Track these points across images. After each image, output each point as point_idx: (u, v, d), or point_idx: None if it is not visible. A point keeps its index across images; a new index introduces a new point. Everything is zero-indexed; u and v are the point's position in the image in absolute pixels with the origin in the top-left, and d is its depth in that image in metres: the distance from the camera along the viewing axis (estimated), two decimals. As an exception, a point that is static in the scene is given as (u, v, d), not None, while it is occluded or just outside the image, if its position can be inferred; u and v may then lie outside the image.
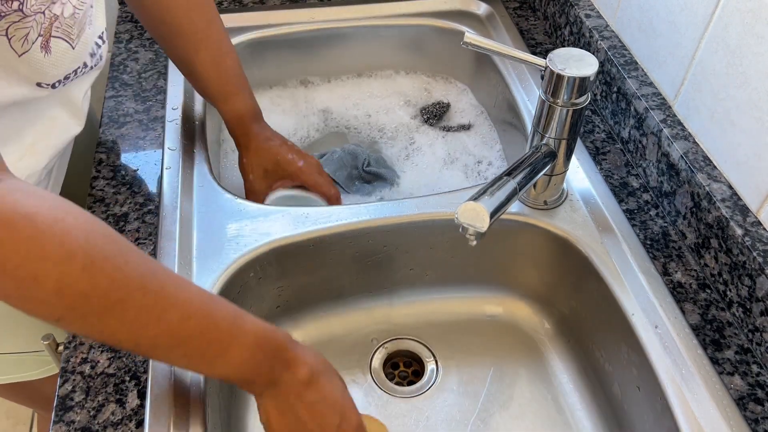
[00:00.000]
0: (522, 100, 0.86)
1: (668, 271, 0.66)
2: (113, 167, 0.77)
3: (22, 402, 0.95)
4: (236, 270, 0.66)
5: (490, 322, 0.79)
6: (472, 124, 0.96)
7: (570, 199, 0.72)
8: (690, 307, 0.63)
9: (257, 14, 0.98)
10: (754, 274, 0.58)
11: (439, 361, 0.75)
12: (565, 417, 0.70)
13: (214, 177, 0.75)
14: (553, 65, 0.60)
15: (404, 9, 1.02)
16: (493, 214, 0.54)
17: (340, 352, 0.75)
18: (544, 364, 0.75)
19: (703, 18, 0.66)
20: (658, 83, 0.75)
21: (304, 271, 0.72)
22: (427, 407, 0.71)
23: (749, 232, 0.60)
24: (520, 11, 1.03)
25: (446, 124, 0.97)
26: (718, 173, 0.65)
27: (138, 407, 0.56)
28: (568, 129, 0.64)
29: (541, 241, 0.72)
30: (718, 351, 0.60)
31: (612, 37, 0.83)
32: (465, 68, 1.02)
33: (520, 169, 0.60)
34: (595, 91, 0.85)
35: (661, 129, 0.71)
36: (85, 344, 0.60)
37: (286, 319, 0.76)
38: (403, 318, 0.78)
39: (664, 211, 0.72)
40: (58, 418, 0.55)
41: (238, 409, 0.69)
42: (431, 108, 0.98)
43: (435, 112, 0.98)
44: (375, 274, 0.76)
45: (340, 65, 1.04)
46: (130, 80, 0.88)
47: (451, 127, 0.96)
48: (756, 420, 0.55)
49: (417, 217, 0.71)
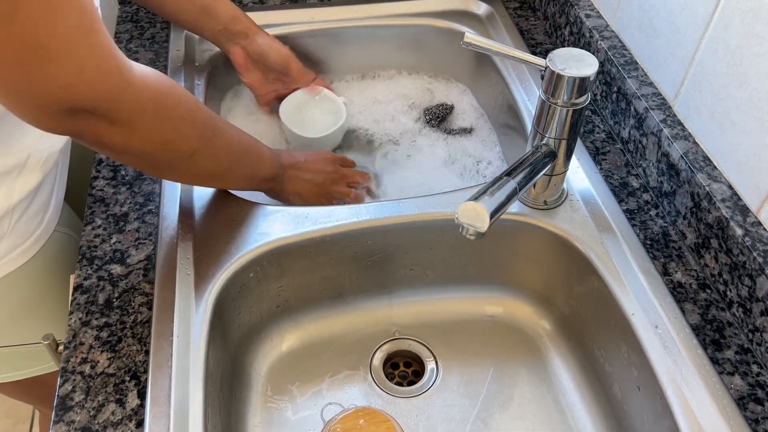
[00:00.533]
0: (522, 100, 0.86)
1: (668, 271, 0.66)
2: (113, 167, 0.77)
3: (24, 399, 0.96)
4: (236, 270, 0.66)
5: (490, 322, 0.79)
6: (473, 128, 0.96)
7: (570, 199, 0.72)
8: (690, 307, 0.63)
9: (257, 14, 0.98)
10: (754, 274, 0.58)
11: (439, 361, 0.75)
12: (565, 417, 0.70)
13: (214, 177, 0.75)
14: (553, 65, 0.60)
15: (404, 9, 1.02)
16: (493, 214, 0.54)
17: (340, 352, 0.75)
18: (544, 364, 0.75)
19: (704, 18, 0.66)
20: (658, 83, 0.75)
21: (304, 271, 0.72)
22: (427, 407, 0.71)
23: (749, 232, 0.60)
24: (520, 11, 1.03)
25: (448, 127, 0.97)
26: (718, 173, 0.65)
27: (138, 407, 0.56)
28: (568, 129, 0.64)
29: (541, 241, 0.72)
30: (718, 351, 0.60)
31: (612, 37, 0.83)
32: (465, 68, 1.02)
33: (520, 169, 0.60)
34: (595, 91, 0.85)
35: (661, 129, 0.71)
36: (85, 344, 0.60)
37: (286, 319, 0.76)
38: (403, 318, 0.78)
39: (664, 211, 0.72)
40: (58, 418, 0.55)
41: (238, 409, 0.69)
42: (434, 110, 0.98)
43: (438, 113, 0.98)
44: (375, 274, 0.76)
45: (340, 65, 1.04)
46: (130, 80, 0.88)
47: (452, 130, 0.96)
48: (756, 420, 0.55)
49: (417, 217, 0.71)
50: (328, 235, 0.69)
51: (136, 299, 0.64)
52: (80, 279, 0.65)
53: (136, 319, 0.62)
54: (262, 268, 0.68)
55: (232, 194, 0.72)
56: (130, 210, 0.72)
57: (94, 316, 0.62)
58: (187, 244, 0.67)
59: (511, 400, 0.72)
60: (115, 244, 0.68)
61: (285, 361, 0.74)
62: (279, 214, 0.70)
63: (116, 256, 0.67)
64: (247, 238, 0.67)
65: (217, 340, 0.63)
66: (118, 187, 0.74)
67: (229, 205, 0.71)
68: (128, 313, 0.63)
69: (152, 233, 0.69)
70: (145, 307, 0.63)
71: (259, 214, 0.70)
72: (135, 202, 0.73)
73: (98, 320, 0.62)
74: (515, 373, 0.74)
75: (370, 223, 0.70)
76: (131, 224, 0.70)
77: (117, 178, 0.75)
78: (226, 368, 0.67)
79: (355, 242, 0.71)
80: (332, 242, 0.70)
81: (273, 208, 0.71)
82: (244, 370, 0.72)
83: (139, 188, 0.74)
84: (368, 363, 0.75)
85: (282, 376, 0.73)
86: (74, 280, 0.66)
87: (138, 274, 0.66)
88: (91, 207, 0.72)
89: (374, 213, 0.71)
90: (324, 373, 0.74)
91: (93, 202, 0.72)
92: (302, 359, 0.75)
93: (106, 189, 0.74)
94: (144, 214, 0.71)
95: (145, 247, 0.68)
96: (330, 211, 0.71)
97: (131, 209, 0.72)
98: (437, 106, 0.99)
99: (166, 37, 0.95)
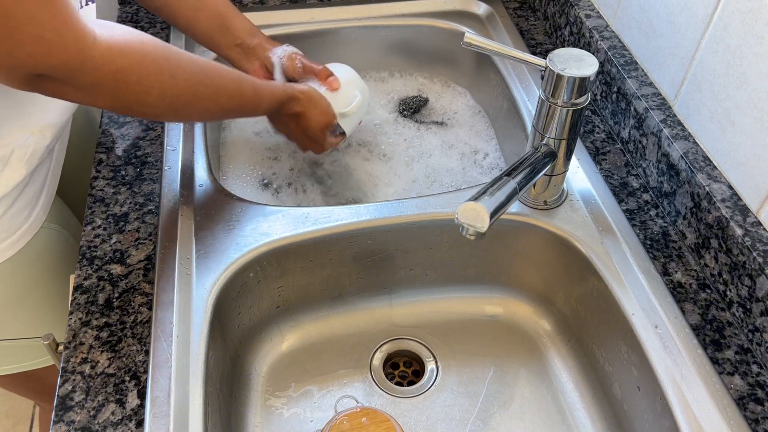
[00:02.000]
0: (522, 100, 0.86)
1: (668, 271, 0.66)
2: (113, 167, 0.77)
3: (24, 393, 0.95)
4: (236, 270, 0.66)
5: (490, 322, 0.79)
6: (449, 122, 0.96)
7: (570, 199, 0.72)
8: (690, 307, 0.63)
9: (257, 14, 0.98)
10: (754, 274, 0.58)
11: (439, 361, 0.75)
12: (565, 417, 0.70)
13: (214, 177, 0.75)
14: (553, 65, 0.60)
15: (404, 9, 1.02)
16: (493, 214, 0.54)
17: (340, 352, 0.75)
18: (544, 364, 0.75)
19: (704, 18, 0.66)
20: (658, 83, 0.75)
21: (304, 271, 0.72)
22: (427, 407, 0.71)
23: (749, 232, 0.60)
24: (520, 11, 1.03)
25: (435, 119, 0.97)
26: (718, 173, 0.65)
27: (138, 407, 0.56)
28: (568, 129, 0.64)
29: (541, 241, 0.72)
30: (718, 351, 0.60)
31: (612, 38, 0.83)
32: (465, 69, 1.02)
33: (520, 169, 0.60)
34: (595, 91, 0.85)
35: (661, 129, 0.71)
36: (85, 344, 0.60)
37: (286, 319, 0.76)
38: (403, 318, 0.78)
39: (664, 211, 0.72)
40: (58, 418, 0.55)
41: (238, 409, 0.69)
42: (410, 101, 0.99)
43: (412, 104, 0.98)
44: (375, 274, 0.76)
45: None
46: (130, 80, 0.88)
47: (433, 122, 0.97)
48: (756, 420, 0.55)
49: (417, 217, 0.71)
50: (328, 235, 0.69)
51: (136, 299, 0.64)
52: (80, 279, 0.65)
53: (136, 319, 0.62)
54: (262, 268, 0.68)
55: (233, 194, 0.72)
56: (130, 210, 0.72)
57: (94, 316, 0.62)
58: (187, 244, 0.67)
59: (511, 399, 0.72)
60: (115, 244, 0.68)
61: (285, 361, 0.74)
62: (279, 214, 0.70)
63: (116, 256, 0.67)
64: (247, 238, 0.68)
65: (217, 340, 0.63)
66: (118, 187, 0.74)
67: (229, 205, 0.71)
68: (128, 313, 0.63)
69: (152, 233, 0.69)
70: (145, 307, 0.63)
71: (259, 214, 0.70)
72: (135, 202, 0.73)
73: (98, 320, 0.62)
74: (515, 373, 0.74)
75: (370, 223, 0.70)
76: (131, 224, 0.70)
77: (117, 178, 0.75)
78: (226, 368, 0.67)
79: (355, 242, 0.71)
80: (332, 242, 0.70)
81: (273, 208, 0.71)
82: (244, 370, 0.72)
83: (139, 188, 0.74)
84: (368, 363, 0.75)
85: (282, 376, 0.73)
86: (74, 280, 0.66)
87: (138, 274, 0.66)
88: (91, 207, 0.72)
89: (374, 213, 0.71)
90: (324, 373, 0.74)
91: (93, 202, 0.72)
92: (302, 359, 0.75)
93: (106, 189, 0.74)
94: (144, 214, 0.71)
95: (145, 247, 0.68)
96: (330, 211, 0.71)
97: (131, 209, 0.72)
98: (413, 98, 1.00)
99: (167, 38, 0.95)
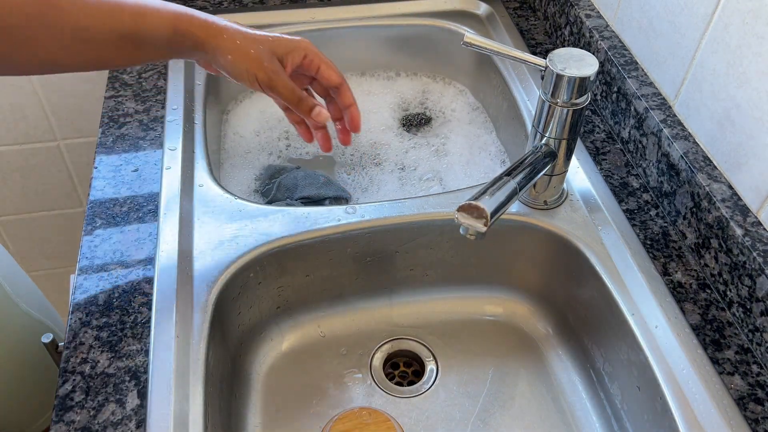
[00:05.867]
0: (522, 100, 0.86)
1: (668, 271, 0.66)
2: (113, 167, 0.77)
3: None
4: (236, 270, 0.66)
5: (490, 322, 0.79)
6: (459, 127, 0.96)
7: (570, 199, 0.72)
8: (690, 307, 0.63)
9: (257, 14, 0.98)
10: (754, 274, 0.58)
11: (439, 361, 0.75)
12: (565, 417, 0.70)
13: (214, 177, 0.75)
14: (553, 65, 0.60)
15: (404, 9, 1.02)
16: (493, 214, 0.54)
17: (340, 352, 0.75)
18: (544, 364, 0.75)
19: (704, 18, 0.66)
20: (658, 83, 0.75)
21: (304, 271, 0.72)
22: (427, 407, 0.71)
23: (749, 232, 0.60)
24: (520, 11, 1.03)
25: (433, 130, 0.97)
26: (718, 173, 0.65)
27: (138, 407, 0.56)
28: (568, 129, 0.64)
29: (541, 241, 0.72)
30: (718, 351, 0.60)
31: (612, 37, 0.83)
32: (465, 69, 1.02)
33: (520, 169, 0.60)
34: (595, 91, 0.85)
35: (661, 129, 0.71)
36: (85, 344, 0.60)
37: (286, 319, 0.76)
38: (403, 318, 0.78)
39: (664, 211, 0.72)
40: (58, 418, 0.55)
41: (238, 409, 0.69)
42: (412, 117, 0.98)
43: (414, 121, 0.97)
44: (375, 274, 0.76)
45: (340, 65, 1.03)
46: (130, 80, 0.88)
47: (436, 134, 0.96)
48: (756, 420, 0.55)
49: (417, 217, 0.71)
50: (328, 235, 0.69)
51: (136, 299, 0.64)
52: (80, 279, 0.65)
53: (136, 319, 0.62)
54: (262, 268, 0.68)
55: (233, 194, 0.72)
56: (130, 210, 0.72)
57: (94, 316, 0.62)
58: (187, 244, 0.67)
59: (511, 400, 0.72)
60: (115, 244, 0.68)
61: (285, 361, 0.74)
62: (279, 214, 0.70)
63: (116, 256, 0.67)
64: (247, 238, 0.68)
65: (217, 340, 0.63)
66: (118, 187, 0.74)
67: (229, 205, 0.71)
68: (128, 313, 0.63)
69: (152, 233, 0.69)
70: (145, 307, 0.63)
71: (259, 214, 0.70)
72: (135, 202, 0.73)
73: (98, 320, 0.62)
74: (515, 373, 0.74)
75: (370, 223, 0.70)
76: (131, 224, 0.70)
77: (117, 178, 0.75)
78: (226, 368, 0.67)
79: (355, 242, 0.71)
80: (332, 242, 0.70)
81: (273, 208, 0.71)
82: (244, 370, 0.72)
83: (139, 188, 0.74)
84: (368, 363, 0.75)
85: (282, 376, 0.73)
86: (74, 280, 0.66)
87: (138, 274, 0.66)
88: (92, 206, 0.72)
89: (374, 213, 0.71)
90: (324, 372, 0.74)
91: (93, 202, 0.72)
92: (302, 359, 0.75)
93: (106, 189, 0.74)
94: (144, 214, 0.71)
95: (145, 247, 0.68)
96: (330, 211, 0.71)
97: (131, 209, 0.72)
98: (415, 115, 0.99)
99: (166, 37, 0.95)
